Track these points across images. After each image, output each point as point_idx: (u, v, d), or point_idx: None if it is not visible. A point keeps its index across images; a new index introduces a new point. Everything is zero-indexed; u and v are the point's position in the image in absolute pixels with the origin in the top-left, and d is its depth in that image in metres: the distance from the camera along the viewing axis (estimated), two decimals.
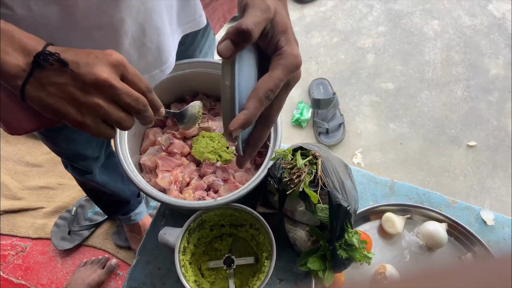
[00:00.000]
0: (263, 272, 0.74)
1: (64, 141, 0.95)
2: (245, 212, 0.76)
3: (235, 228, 0.83)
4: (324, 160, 0.74)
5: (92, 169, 1.09)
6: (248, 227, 0.80)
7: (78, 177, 1.14)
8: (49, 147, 1.00)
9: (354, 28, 2.06)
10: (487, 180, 1.65)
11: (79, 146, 0.98)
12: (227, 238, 0.85)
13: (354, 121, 1.81)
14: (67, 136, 0.93)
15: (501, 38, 1.99)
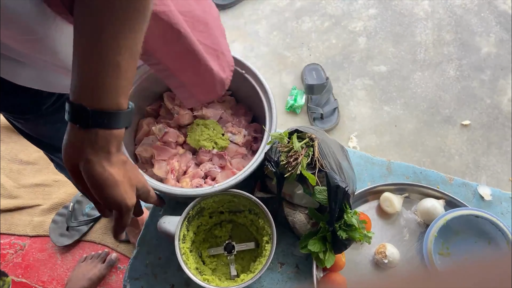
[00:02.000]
0: (264, 256, 0.74)
1: (32, 131, 0.92)
2: (244, 197, 0.75)
3: (234, 214, 0.83)
4: (321, 142, 0.74)
5: None
6: (247, 212, 0.80)
7: (65, 175, 1.12)
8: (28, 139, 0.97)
9: (345, 12, 2.05)
10: (482, 158, 1.66)
11: (52, 138, 0.95)
12: (226, 225, 0.85)
13: (348, 106, 1.81)
14: (33, 128, 0.91)
15: (492, 16, 1.98)
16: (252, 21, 2.06)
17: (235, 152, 0.86)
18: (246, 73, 0.84)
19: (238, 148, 0.86)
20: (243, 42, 2.00)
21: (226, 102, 0.93)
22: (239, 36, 2.02)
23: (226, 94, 0.93)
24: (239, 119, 0.91)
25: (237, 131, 0.88)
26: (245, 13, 2.09)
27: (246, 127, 0.90)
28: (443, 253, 0.80)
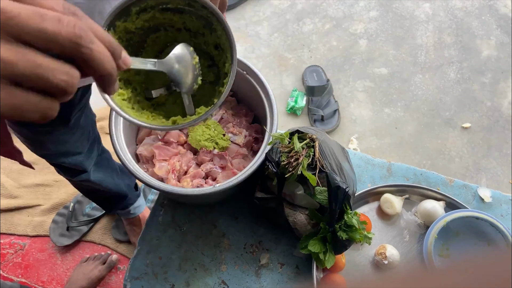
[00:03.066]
0: (225, 83, 0.59)
1: (53, 143, 0.93)
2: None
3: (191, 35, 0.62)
4: (321, 142, 0.74)
5: (85, 166, 1.06)
6: (208, 33, 0.60)
7: (72, 178, 1.11)
8: (36, 152, 0.97)
9: (346, 14, 2.06)
10: (483, 161, 1.66)
11: (70, 144, 0.96)
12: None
13: (348, 108, 1.81)
14: (56, 139, 0.91)
15: (492, 19, 1.99)
16: (253, 22, 2.07)
17: (236, 152, 0.86)
18: (247, 73, 0.84)
19: (239, 148, 0.86)
20: (244, 43, 2.00)
21: (227, 103, 0.93)
22: (240, 37, 2.02)
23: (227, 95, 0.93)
24: (240, 120, 0.91)
25: (238, 131, 0.88)
26: (246, 14, 2.09)
27: (247, 128, 0.90)
28: (443, 254, 0.80)
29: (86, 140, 1.01)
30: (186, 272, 0.84)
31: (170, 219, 0.89)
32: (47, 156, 1.00)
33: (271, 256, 0.85)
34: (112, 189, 1.22)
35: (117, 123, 0.82)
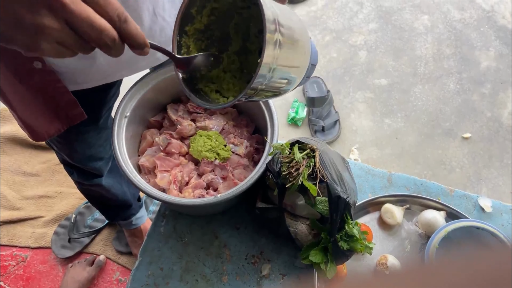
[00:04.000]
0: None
1: (81, 145, 0.96)
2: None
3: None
4: (322, 152, 0.75)
5: (103, 171, 1.09)
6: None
7: (85, 182, 1.13)
8: (63, 152, 1.00)
9: (345, 26, 2.08)
10: (484, 171, 1.67)
11: (95, 148, 0.99)
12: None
13: (349, 118, 1.82)
14: (85, 140, 0.94)
15: (491, 31, 2.01)
16: None
17: (237, 163, 0.86)
18: None
19: (240, 159, 0.87)
20: None
21: (228, 113, 0.94)
22: None
23: None
24: (241, 131, 0.92)
25: (239, 142, 0.89)
26: None
27: (248, 138, 0.91)
28: None
29: (109, 145, 1.04)
30: (188, 283, 0.84)
31: (171, 229, 0.90)
32: (72, 158, 1.02)
33: (273, 266, 0.85)
34: (119, 196, 1.24)
35: (120, 134, 0.83)
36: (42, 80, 0.69)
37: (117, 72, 0.78)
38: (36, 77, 0.68)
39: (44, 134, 0.79)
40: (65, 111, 0.76)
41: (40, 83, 0.69)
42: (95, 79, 0.76)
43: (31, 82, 0.68)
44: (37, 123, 0.77)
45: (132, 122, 0.86)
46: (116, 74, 0.78)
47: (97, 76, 0.76)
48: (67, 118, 0.78)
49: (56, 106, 0.75)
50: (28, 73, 0.66)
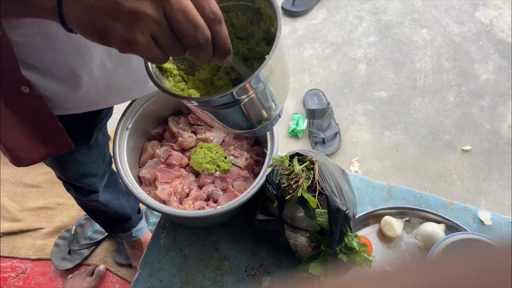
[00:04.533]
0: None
1: (73, 164, 0.95)
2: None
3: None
4: (321, 165, 0.75)
5: (98, 187, 1.08)
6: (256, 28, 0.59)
7: (82, 198, 1.12)
8: (56, 170, 1.00)
9: (345, 40, 2.10)
10: (484, 183, 1.67)
11: (88, 166, 0.98)
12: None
13: (349, 130, 1.83)
14: (76, 159, 0.93)
15: (490, 44, 2.03)
16: None
17: (237, 175, 0.87)
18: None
19: (240, 171, 0.87)
20: None
21: None
22: None
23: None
24: (241, 143, 0.93)
25: (239, 154, 0.89)
26: None
27: (248, 150, 0.92)
28: None
29: (102, 161, 1.03)
30: None
31: (171, 241, 0.90)
32: (65, 176, 1.02)
33: (273, 279, 0.85)
34: (118, 210, 1.23)
35: (121, 146, 0.84)
36: (30, 105, 0.67)
37: (107, 100, 0.76)
38: (23, 102, 0.66)
39: (27, 160, 0.77)
40: (52, 139, 0.74)
41: (27, 108, 0.67)
42: (84, 106, 0.75)
43: (18, 107, 0.66)
44: (21, 148, 0.75)
45: (134, 135, 0.87)
46: (106, 101, 0.76)
47: (86, 103, 0.74)
48: (54, 146, 0.75)
49: (43, 133, 0.73)
50: (16, 97, 0.64)
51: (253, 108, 0.52)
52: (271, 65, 0.47)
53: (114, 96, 0.75)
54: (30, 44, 0.60)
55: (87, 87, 0.69)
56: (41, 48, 0.60)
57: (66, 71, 0.65)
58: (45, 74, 0.65)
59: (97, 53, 0.65)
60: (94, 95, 0.72)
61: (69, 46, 0.61)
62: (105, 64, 0.67)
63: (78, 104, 0.73)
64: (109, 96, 0.75)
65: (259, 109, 0.54)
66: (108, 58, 0.66)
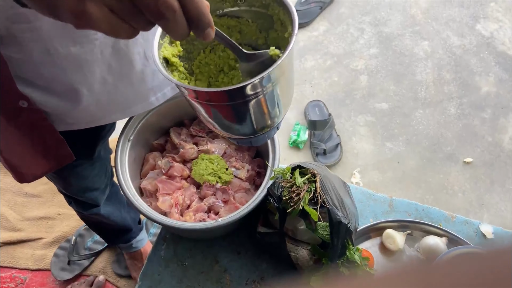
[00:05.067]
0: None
1: (75, 178, 0.94)
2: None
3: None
4: (323, 177, 0.75)
5: (99, 201, 1.07)
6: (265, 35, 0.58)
7: (83, 212, 1.12)
8: (58, 184, 1.00)
9: (347, 51, 2.11)
10: (486, 196, 1.66)
11: (90, 180, 0.98)
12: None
13: (350, 142, 1.83)
14: (78, 174, 0.93)
15: (491, 56, 2.03)
16: None
17: (239, 187, 0.87)
18: None
19: (242, 183, 0.87)
20: None
21: None
22: None
23: None
24: (242, 155, 0.93)
25: (241, 166, 0.89)
26: None
27: (250, 162, 0.92)
28: None
29: (104, 175, 1.03)
30: None
31: (172, 253, 0.89)
32: (67, 190, 1.01)
33: None
34: (118, 222, 1.23)
35: (123, 158, 0.84)
36: (29, 119, 0.67)
37: (109, 116, 0.75)
38: (22, 116, 0.66)
39: (29, 176, 0.76)
40: (53, 152, 0.74)
41: (27, 122, 0.67)
42: (85, 122, 0.74)
43: (18, 121, 0.66)
44: (23, 163, 0.75)
45: (135, 146, 0.88)
46: (108, 117, 0.76)
47: (87, 119, 0.74)
48: (55, 159, 0.75)
49: (43, 147, 0.72)
50: (14, 112, 0.64)
51: (259, 111, 0.51)
52: (283, 65, 0.46)
53: (116, 112, 0.75)
54: (29, 61, 0.60)
55: (88, 103, 0.69)
56: (41, 65, 0.61)
57: (66, 87, 0.65)
58: (44, 91, 0.65)
59: (98, 68, 0.65)
60: (95, 111, 0.72)
61: (69, 62, 0.61)
62: (106, 79, 0.67)
63: (79, 120, 0.73)
64: (110, 112, 0.75)
65: (264, 113, 0.53)
66: (108, 73, 0.66)
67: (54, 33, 0.57)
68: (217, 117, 0.52)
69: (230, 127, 0.54)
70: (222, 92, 0.47)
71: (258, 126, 0.54)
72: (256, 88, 0.47)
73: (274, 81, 0.48)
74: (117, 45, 0.63)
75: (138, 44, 0.66)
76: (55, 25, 0.56)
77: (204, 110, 0.51)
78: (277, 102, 0.53)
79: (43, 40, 0.57)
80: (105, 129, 0.87)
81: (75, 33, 0.58)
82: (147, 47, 0.67)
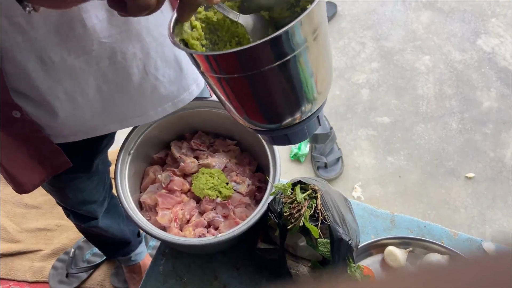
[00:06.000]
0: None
1: (72, 191, 0.94)
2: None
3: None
4: (324, 193, 0.74)
5: (97, 214, 1.07)
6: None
7: (81, 224, 1.12)
8: (56, 197, 0.99)
9: (348, 65, 2.12)
10: (488, 211, 1.65)
11: (87, 192, 0.97)
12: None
13: (352, 155, 1.83)
14: (76, 186, 0.92)
15: (492, 72, 2.04)
16: None
17: (239, 201, 0.86)
18: None
19: (242, 197, 0.87)
20: None
21: (231, 151, 0.95)
22: None
23: (231, 144, 0.95)
24: (243, 169, 0.92)
25: (241, 180, 0.89)
26: None
27: (250, 176, 0.91)
28: None
29: (102, 188, 1.02)
30: None
31: (171, 268, 0.88)
32: (65, 203, 1.01)
33: None
34: (117, 235, 1.22)
35: (123, 171, 0.84)
36: (23, 130, 0.67)
37: (105, 126, 0.75)
38: (16, 127, 0.66)
39: (28, 186, 0.77)
40: (49, 161, 0.74)
41: (21, 132, 0.68)
42: (82, 133, 0.74)
43: (12, 131, 0.67)
44: (21, 173, 0.75)
45: (136, 159, 0.87)
46: (104, 127, 0.75)
47: (83, 129, 0.74)
48: (51, 167, 0.75)
49: (39, 156, 0.72)
50: (8, 122, 0.65)
51: (292, 81, 0.41)
52: (314, 17, 0.38)
53: (112, 122, 0.75)
54: (24, 73, 0.60)
55: (83, 112, 0.69)
56: (35, 76, 0.61)
57: (61, 97, 0.65)
58: (38, 104, 0.65)
59: (92, 77, 0.65)
60: (90, 120, 0.72)
61: (65, 71, 0.62)
62: (101, 87, 0.67)
63: (75, 131, 0.73)
64: (106, 122, 0.74)
65: (298, 87, 0.43)
66: (104, 82, 0.67)
67: (49, 42, 0.57)
68: (240, 96, 0.44)
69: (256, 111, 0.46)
70: (246, 51, 0.38)
71: (291, 110, 0.45)
72: (284, 46, 0.38)
73: (306, 38, 0.39)
74: (114, 57, 0.63)
75: (137, 58, 0.66)
76: (49, 35, 0.56)
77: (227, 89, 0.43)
78: (314, 72, 0.43)
79: (38, 50, 0.57)
80: (103, 143, 0.87)
81: (70, 42, 0.58)
82: (148, 62, 0.67)
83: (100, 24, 0.58)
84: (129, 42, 0.63)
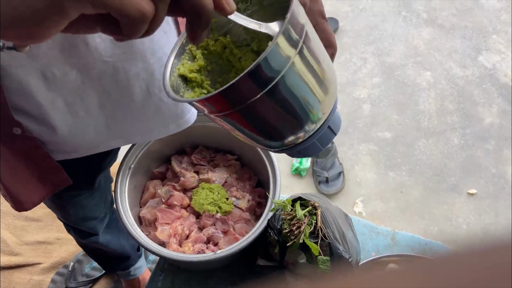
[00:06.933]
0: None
1: (73, 208, 0.94)
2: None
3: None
4: (324, 210, 0.74)
5: (98, 230, 1.06)
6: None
7: (81, 239, 1.11)
8: (57, 213, 0.99)
9: (349, 80, 2.13)
10: (491, 228, 1.63)
11: (89, 209, 0.97)
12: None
13: (353, 170, 1.82)
14: (77, 203, 0.92)
15: (494, 88, 2.04)
16: None
17: (239, 217, 0.86)
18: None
19: (242, 213, 0.86)
20: None
21: (231, 166, 0.95)
22: None
23: (231, 159, 0.95)
24: (243, 184, 0.92)
25: (241, 196, 0.89)
26: None
27: (251, 192, 0.91)
28: None
29: (103, 204, 1.02)
30: None
31: (169, 284, 0.88)
32: (66, 219, 1.01)
33: None
34: (117, 250, 1.22)
35: (123, 186, 0.84)
36: (23, 146, 0.67)
37: (107, 142, 0.74)
38: (17, 143, 0.66)
39: (28, 204, 0.76)
40: (49, 178, 0.73)
41: (22, 149, 0.67)
42: (84, 149, 0.73)
43: (13, 148, 0.66)
44: (21, 190, 0.74)
45: (136, 173, 0.87)
46: (106, 144, 0.75)
47: (86, 145, 0.73)
48: (51, 185, 0.75)
49: (39, 173, 0.72)
50: (9, 138, 0.65)
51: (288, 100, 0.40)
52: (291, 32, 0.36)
53: (114, 138, 0.74)
54: (25, 88, 0.60)
55: (85, 126, 0.69)
56: (36, 90, 0.60)
57: (62, 110, 0.65)
58: (39, 119, 0.65)
59: (95, 92, 0.65)
60: (93, 136, 0.71)
61: (67, 85, 0.62)
62: (104, 104, 0.67)
63: (77, 147, 0.73)
64: (108, 139, 0.74)
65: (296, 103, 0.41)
66: (107, 99, 0.67)
67: (52, 59, 0.58)
68: (241, 128, 0.43)
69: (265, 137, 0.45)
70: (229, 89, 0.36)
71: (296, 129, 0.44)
72: (266, 74, 0.37)
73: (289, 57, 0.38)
74: (117, 76, 0.63)
75: (140, 78, 0.65)
76: (53, 52, 0.57)
77: (227, 125, 0.43)
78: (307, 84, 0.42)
79: (40, 66, 0.58)
80: (106, 160, 0.87)
81: (72, 59, 0.59)
82: (152, 82, 0.67)
83: (103, 43, 0.58)
84: (132, 62, 0.63)
